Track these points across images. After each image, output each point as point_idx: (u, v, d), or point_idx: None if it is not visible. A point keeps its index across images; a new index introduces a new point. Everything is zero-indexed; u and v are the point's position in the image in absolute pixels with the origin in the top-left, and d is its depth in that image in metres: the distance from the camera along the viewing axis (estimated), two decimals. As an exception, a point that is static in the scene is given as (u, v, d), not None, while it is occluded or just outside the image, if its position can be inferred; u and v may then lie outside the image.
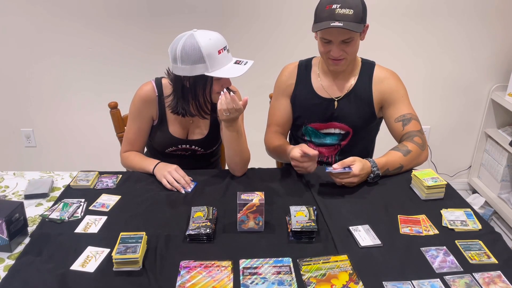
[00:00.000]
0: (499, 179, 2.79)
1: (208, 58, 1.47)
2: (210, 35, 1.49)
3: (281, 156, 1.75)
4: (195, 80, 1.53)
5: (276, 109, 1.83)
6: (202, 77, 1.51)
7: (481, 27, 2.65)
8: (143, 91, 1.67)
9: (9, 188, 1.57)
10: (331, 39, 1.56)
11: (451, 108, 2.88)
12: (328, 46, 1.60)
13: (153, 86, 1.68)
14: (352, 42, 1.57)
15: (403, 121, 1.69)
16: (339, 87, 1.74)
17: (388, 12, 2.58)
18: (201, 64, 1.47)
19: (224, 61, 1.51)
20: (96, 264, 1.16)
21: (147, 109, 1.68)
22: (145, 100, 1.67)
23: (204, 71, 1.49)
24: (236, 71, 1.50)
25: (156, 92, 1.67)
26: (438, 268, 1.15)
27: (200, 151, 1.78)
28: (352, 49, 1.60)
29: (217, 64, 1.49)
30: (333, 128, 1.77)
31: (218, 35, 1.51)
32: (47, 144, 2.90)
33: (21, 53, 2.63)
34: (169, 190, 1.54)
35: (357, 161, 1.51)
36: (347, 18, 1.51)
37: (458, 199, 1.49)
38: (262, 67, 2.63)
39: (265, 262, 1.17)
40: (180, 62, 1.49)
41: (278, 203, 1.45)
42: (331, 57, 1.61)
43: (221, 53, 1.49)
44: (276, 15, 2.58)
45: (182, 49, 1.47)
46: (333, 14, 1.51)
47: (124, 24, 2.58)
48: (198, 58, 1.46)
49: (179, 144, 1.74)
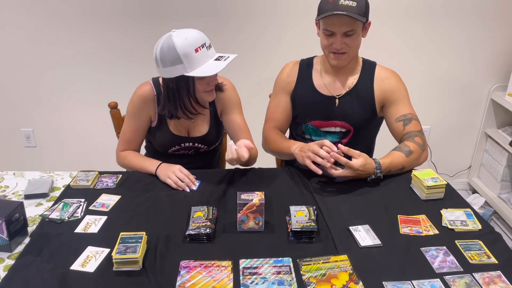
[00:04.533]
0: (499, 179, 2.79)
1: (184, 58, 1.45)
2: (187, 34, 1.48)
3: (283, 151, 1.74)
4: (177, 81, 1.53)
5: (276, 105, 1.83)
6: (183, 78, 1.51)
7: (481, 27, 2.65)
8: (141, 90, 1.67)
9: (9, 188, 1.57)
10: (334, 30, 1.57)
11: (451, 108, 2.88)
12: (331, 39, 1.60)
13: (151, 86, 1.68)
14: (354, 35, 1.58)
15: (403, 121, 1.69)
16: (341, 85, 1.74)
17: (389, 12, 2.59)
18: (179, 64, 1.47)
19: (203, 59, 1.49)
20: (96, 264, 1.16)
21: (146, 108, 1.68)
22: (143, 100, 1.67)
23: (182, 71, 1.48)
24: (214, 68, 1.48)
25: (154, 91, 1.67)
26: (438, 268, 1.15)
27: (203, 148, 1.77)
28: (354, 43, 1.60)
29: (196, 63, 1.47)
30: (333, 127, 1.77)
31: (196, 33, 1.50)
32: (47, 144, 2.90)
33: (21, 53, 2.63)
34: (170, 190, 1.54)
35: (362, 157, 1.50)
36: (350, 10, 1.52)
37: (458, 199, 1.49)
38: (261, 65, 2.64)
39: (265, 262, 1.17)
40: (160, 64, 1.50)
41: (278, 203, 1.45)
42: (333, 50, 1.62)
43: (199, 51, 1.47)
44: (275, 12, 2.58)
45: (161, 51, 1.47)
46: (337, 5, 1.53)
47: (124, 24, 2.57)
48: (175, 59, 1.46)
49: (182, 143, 1.73)
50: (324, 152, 1.49)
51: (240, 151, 1.44)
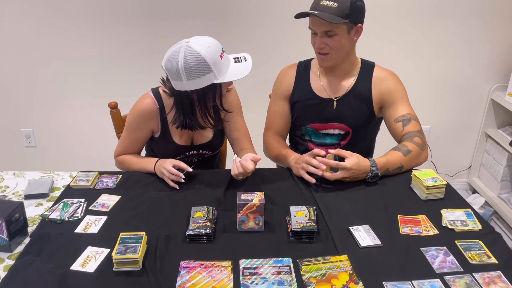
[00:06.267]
0: (499, 179, 2.79)
1: (214, 66, 1.43)
2: (206, 41, 1.45)
3: (282, 161, 1.76)
4: (203, 91, 1.48)
5: (275, 111, 1.84)
6: (211, 86, 1.47)
7: (481, 27, 2.65)
8: (143, 104, 1.62)
9: (9, 188, 1.57)
10: (314, 29, 1.59)
11: (451, 108, 2.88)
12: (315, 38, 1.62)
13: (153, 99, 1.63)
14: (336, 37, 1.57)
15: (402, 121, 1.69)
16: (338, 87, 1.73)
17: (390, 12, 2.58)
18: (209, 74, 1.43)
19: (227, 64, 1.48)
20: (96, 264, 1.16)
21: (148, 122, 1.65)
22: (146, 115, 1.63)
23: (213, 79, 1.45)
24: (242, 71, 1.49)
25: (157, 105, 1.63)
26: (438, 268, 1.15)
27: (207, 154, 1.77)
28: (335, 44, 1.59)
29: (223, 69, 1.46)
30: (332, 129, 1.76)
31: (213, 40, 1.47)
32: (47, 144, 2.89)
33: (21, 53, 2.63)
34: (170, 190, 1.54)
35: (354, 156, 1.51)
36: (328, 10, 1.52)
37: (458, 199, 1.49)
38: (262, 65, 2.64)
39: (265, 262, 1.17)
40: (185, 77, 1.43)
41: (278, 203, 1.45)
42: (316, 49, 1.64)
43: (223, 57, 1.46)
44: (276, 13, 2.58)
45: (185, 64, 1.41)
46: (318, 5, 1.55)
47: (124, 25, 2.57)
48: (204, 69, 1.42)
49: (187, 151, 1.72)
50: (315, 161, 1.53)
51: (246, 163, 1.45)
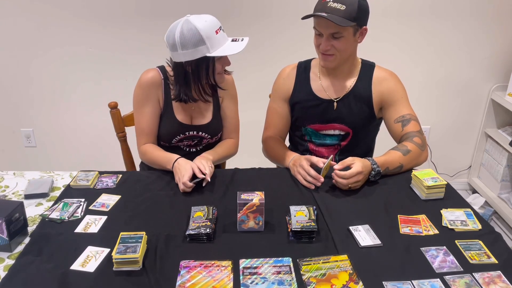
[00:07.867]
0: (499, 179, 2.79)
1: (207, 39, 1.50)
2: (205, 17, 1.54)
3: (280, 162, 1.75)
4: (197, 64, 1.56)
5: (274, 112, 1.84)
6: (204, 59, 1.55)
7: (481, 27, 2.65)
8: (148, 74, 1.69)
9: (9, 188, 1.57)
10: (321, 31, 1.58)
11: (451, 108, 2.88)
12: (320, 39, 1.61)
13: (158, 71, 1.70)
14: (342, 39, 1.57)
15: (402, 121, 1.69)
16: (338, 88, 1.73)
17: (390, 12, 2.58)
18: (202, 46, 1.51)
19: (222, 41, 1.56)
20: (96, 264, 1.16)
21: (154, 92, 1.69)
22: (151, 83, 1.68)
23: (205, 52, 1.52)
24: (235, 48, 1.55)
25: (161, 75, 1.70)
26: (438, 268, 1.15)
27: (206, 138, 1.78)
28: (342, 45, 1.59)
29: (216, 44, 1.53)
30: (332, 130, 1.77)
31: (212, 17, 1.56)
32: (47, 144, 2.89)
33: (21, 53, 2.63)
34: (170, 190, 1.54)
35: (357, 160, 1.51)
36: (336, 13, 1.52)
37: (458, 199, 1.49)
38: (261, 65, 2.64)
39: (265, 262, 1.17)
40: (180, 48, 1.52)
41: (278, 203, 1.44)
42: (322, 51, 1.62)
43: (218, 33, 1.54)
44: (276, 13, 2.58)
45: (181, 35, 1.50)
46: (325, 6, 1.54)
47: (125, 24, 2.57)
48: (198, 41, 1.50)
49: (187, 131, 1.73)
50: (314, 172, 1.53)
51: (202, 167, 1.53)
